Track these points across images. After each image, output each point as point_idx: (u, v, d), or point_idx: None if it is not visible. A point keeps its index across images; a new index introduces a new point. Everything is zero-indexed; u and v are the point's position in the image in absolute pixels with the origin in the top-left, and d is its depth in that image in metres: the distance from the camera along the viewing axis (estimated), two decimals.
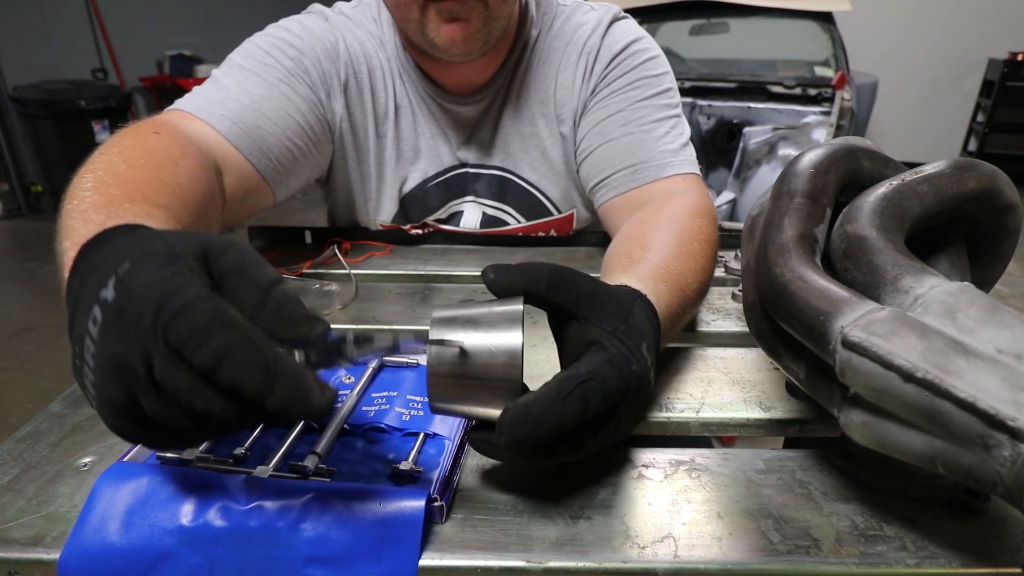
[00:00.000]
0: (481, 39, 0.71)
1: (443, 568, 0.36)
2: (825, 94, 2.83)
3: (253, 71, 0.73)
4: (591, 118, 0.80)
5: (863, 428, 0.36)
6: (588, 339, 0.40)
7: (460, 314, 0.39)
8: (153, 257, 0.31)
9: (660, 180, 0.75)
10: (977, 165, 0.43)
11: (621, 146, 0.77)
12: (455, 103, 0.82)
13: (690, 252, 0.57)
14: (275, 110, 0.72)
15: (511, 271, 0.40)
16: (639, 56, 0.80)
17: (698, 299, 0.56)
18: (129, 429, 0.32)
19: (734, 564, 0.36)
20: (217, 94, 0.70)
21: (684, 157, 0.77)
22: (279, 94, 0.73)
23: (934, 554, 0.36)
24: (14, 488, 0.40)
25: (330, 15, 0.81)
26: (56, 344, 2.49)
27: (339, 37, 0.79)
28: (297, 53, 0.75)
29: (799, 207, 0.43)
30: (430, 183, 0.86)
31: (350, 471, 0.42)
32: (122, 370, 0.30)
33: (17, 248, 3.58)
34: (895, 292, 0.37)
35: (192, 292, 0.30)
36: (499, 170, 0.87)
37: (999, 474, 0.30)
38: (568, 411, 0.35)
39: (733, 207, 2.74)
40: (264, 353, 0.29)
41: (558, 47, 0.82)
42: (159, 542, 0.34)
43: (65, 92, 3.71)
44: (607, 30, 0.81)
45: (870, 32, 4.79)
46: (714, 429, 0.50)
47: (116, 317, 0.30)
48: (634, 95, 0.79)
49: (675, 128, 0.79)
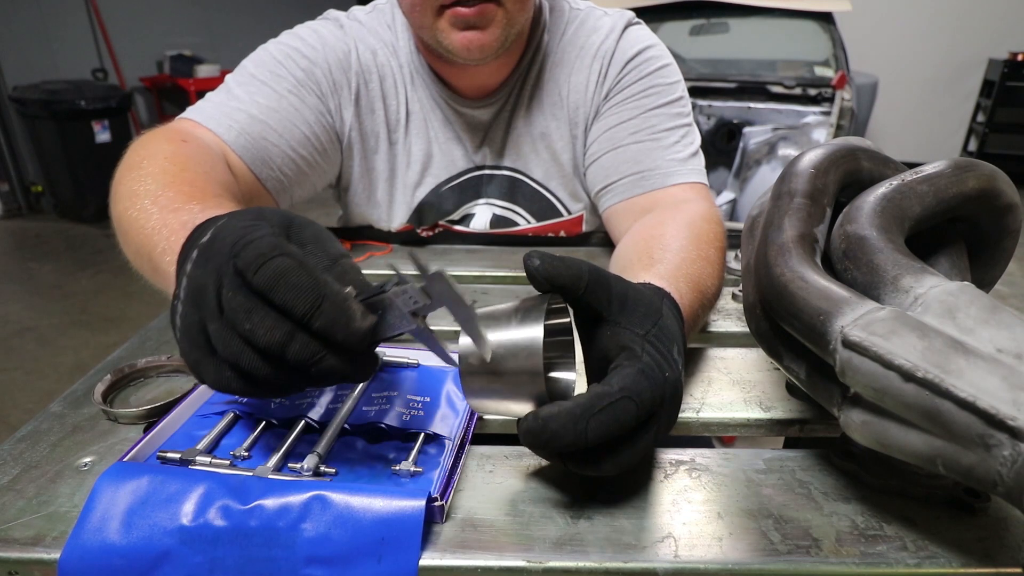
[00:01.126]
0: (497, 44, 0.71)
1: (443, 568, 0.36)
2: (825, 94, 2.82)
3: (264, 81, 0.74)
4: (602, 123, 0.81)
5: (863, 428, 0.36)
6: (620, 344, 0.39)
7: (492, 311, 0.40)
8: (244, 214, 0.38)
9: (667, 188, 0.75)
10: (977, 165, 0.43)
11: (630, 153, 0.78)
12: (469, 106, 0.82)
13: (707, 257, 0.57)
14: (282, 121, 0.73)
15: (556, 263, 0.39)
16: (652, 63, 0.81)
17: (713, 301, 0.57)
18: (198, 357, 0.36)
19: (734, 564, 0.36)
20: (227, 103, 0.72)
21: (692, 167, 0.77)
22: (287, 105, 0.74)
23: (934, 554, 0.36)
24: (14, 488, 0.40)
25: (345, 22, 0.81)
26: (56, 344, 2.49)
27: (352, 46, 0.79)
28: (309, 64, 0.76)
29: (799, 207, 0.43)
30: (444, 187, 0.86)
31: (350, 471, 0.42)
32: (199, 294, 0.35)
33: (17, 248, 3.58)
34: (895, 292, 0.37)
35: (264, 231, 0.35)
36: (510, 171, 0.87)
37: (999, 473, 0.30)
38: (592, 430, 0.35)
39: (733, 207, 2.73)
40: (316, 278, 0.33)
41: (571, 51, 0.82)
42: (159, 542, 0.34)
43: (65, 92, 3.70)
44: (621, 34, 0.81)
45: (870, 32, 4.79)
46: (714, 429, 0.50)
47: (204, 252, 0.36)
48: (646, 103, 0.79)
49: (685, 137, 0.79)
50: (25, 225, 3.92)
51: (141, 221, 0.49)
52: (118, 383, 0.53)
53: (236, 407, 0.47)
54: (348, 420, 0.46)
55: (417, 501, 0.36)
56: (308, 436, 0.45)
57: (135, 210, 0.50)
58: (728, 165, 2.90)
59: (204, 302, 0.35)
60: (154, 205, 0.50)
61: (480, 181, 0.87)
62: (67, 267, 3.22)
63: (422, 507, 0.36)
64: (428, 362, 0.55)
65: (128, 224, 0.51)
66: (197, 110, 0.72)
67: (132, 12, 4.48)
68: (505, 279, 0.81)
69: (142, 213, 0.49)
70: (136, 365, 0.54)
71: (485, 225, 0.90)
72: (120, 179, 0.56)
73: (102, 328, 2.61)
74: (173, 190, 0.51)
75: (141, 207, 0.50)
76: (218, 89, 0.75)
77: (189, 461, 0.41)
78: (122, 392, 0.52)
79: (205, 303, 0.35)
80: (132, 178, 0.54)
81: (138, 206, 0.50)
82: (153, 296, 0.55)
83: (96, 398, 0.49)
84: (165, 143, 0.61)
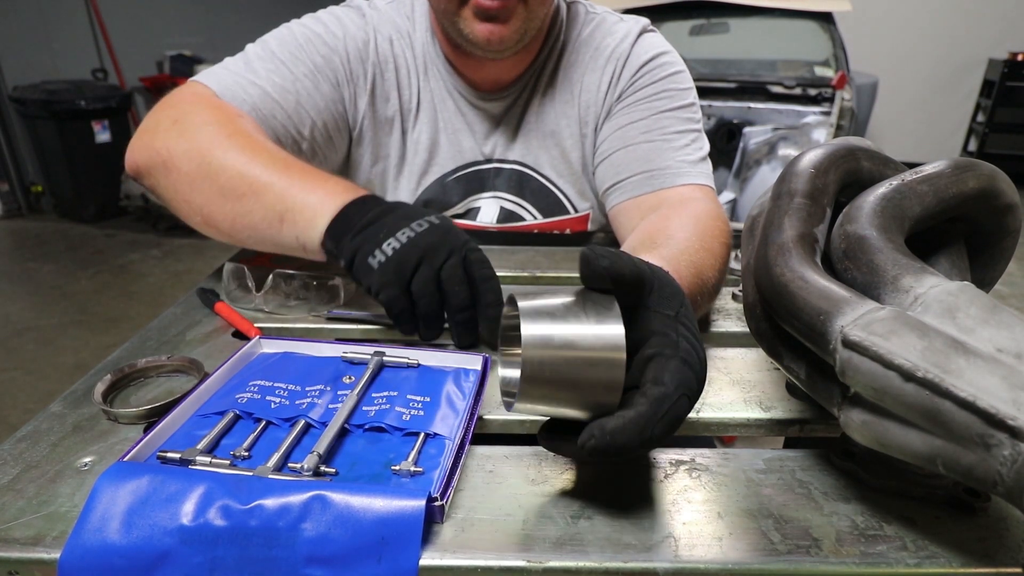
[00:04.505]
0: (517, 37, 0.73)
1: (443, 568, 0.36)
2: (825, 94, 2.82)
3: (283, 61, 0.76)
4: (613, 123, 0.82)
5: (863, 428, 0.36)
6: (652, 328, 0.38)
7: (547, 306, 0.38)
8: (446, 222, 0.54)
9: (675, 187, 0.76)
10: (977, 165, 0.43)
11: (640, 152, 0.79)
12: (482, 99, 0.84)
13: (711, 249, 0.58)
14: (292, 104, 0.75)
15: (622, 261, 0.38)
16: (666, 68, 0.82)
17: (714, 294, 0.58)
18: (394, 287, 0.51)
19: (734, 564, 0.36)
20: (244, 75, 0.74)
21: (701, 170, 0.78)
22: (301, 88, 0.76)
23: (934, 554, 0.36)
24: (14, 488, 0.40)
25: (366, 10, 0.83)
26: (56, 344, 2.49)
27: (371, 36, 0.81)
28: (328, 51, 0.78)
29: (799, 207, 0.43)
30: (449, 177, 0.87)
31: (350, 471, 0.42)
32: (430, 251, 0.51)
33: (17, 248, 3.58)
34: (895, 292, 0.37)
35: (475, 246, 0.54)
36: (519, 165, 0.88)
37: (999, 473, 0.30)
38: (658, 433, 0.35)
39: (733, 207, 2.74)
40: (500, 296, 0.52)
41: (586, 51, 0.84)
42: (159, 542, 0.34)
43: (65, 92, 3.70)
44: (636, 39, 0.83)
45: (870, 32, 4.79)
46: (714, 429, 0.50)
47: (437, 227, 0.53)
48: (658, 105, 0.80)
49: (695, 142, 0.80)
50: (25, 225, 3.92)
51: (271, 191, 0.59)
52: (118, 383, 0.53)
53: (236, 407, 0.47)
54: (348, 420, 0.46)
55: (417, 501, 0.36)
56: (308, 436, 0.45)
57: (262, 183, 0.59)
58: (728, 165, 2.90)
59: (433, 257, 0.51)
60: (276, 160, 0.61)
61: (488, 174, 0.88)
62: (67, 267, 3.23)
63: (422, 507, 0.36)
64: (428, 362, 0.55)
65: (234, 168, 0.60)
66: (214, 76, 0.74)
67: (132, 12, 4.48)
68: (505, 279, 0.81)
69: (267, 187, 0.59)
70: (136, 365, 0.54)
71: (492, 219, 0.90)
72: (191, 130, 0.64)
73: (102, 328, 2.61)
74: (293, 171, 0.60)
75: (271, 180, 0.59)
76: (237, 57, 0.77)
77: (189, 461, 0.41)
78: (122, 392, 0.52)
79: (434, 258, 0.51)
80: (225, 155, 0.61)
81: (269, 179, 0.59)
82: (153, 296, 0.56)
83: (96, 398, 0.49)
84: (227, 122, 0.66)
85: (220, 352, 0.58)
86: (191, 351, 0.58)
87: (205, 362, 0.55)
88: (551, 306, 0.38)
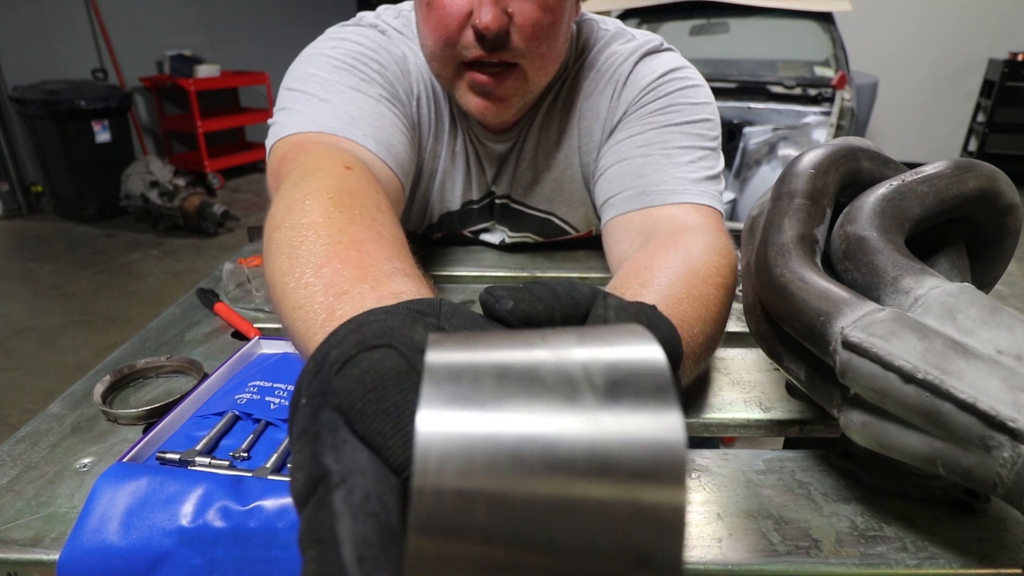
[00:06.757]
0: (514, 111, 0.69)
1: None
2: (825, 94, 2.82)
3: (354, 87, 0.67)
4: (613, 139, 0.76)
5: (863, 429, 0.36)
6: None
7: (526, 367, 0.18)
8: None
9: (668, 205, 0.66)
10: (977, 165, 0.43)
11: (635, 166, 0.71)
12: (488, 139, 0.80)
13: (702, 297, 0.48)
14: (389, 127, 0.67)
15: (535, 292, 0.27)
16: (676, 83, 0.75)
17: (704, 354, 0.48)
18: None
19: (734, 565, 0.36)
20: (340, 110, 0.64)
21: (704, 189, 0.68)
22: (385, 110, 0.68)
23: (934, 555, 0.36)
24: (13, 489, 0.40)
25: (387, 29, 0.76)
26: (56, 344, 2.49)
27: (404, 51, 0.75)
28: (380, 68, 0.71)
29: (799, 207, 0.43)
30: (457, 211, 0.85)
31: None
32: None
33: (17, 248, 3.58)
34: (895, 293, 0.37)
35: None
36: (520, 204, 0.85)
37: (999, 475, 0.30)
38: None
39: (733, 207, 2.74)
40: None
41: (588, 75, 0.78)
42: (159, 543, 0.34)
43: (65, 92, 3.70)
44: (640, 59, 0.77)
45: (870, 32, 4.79)
46: (714, 429, 0.50)
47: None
48: (662, 119, 0.73)
49: (703, 160, 0.71)
50: (25, 225, 3.92)
51: (301, 298, 0.39)
52: (118, 384, 0.53)
53: (235, 408, 0.47)
54: None
55: None
56: None
57: (293, 280, 0.40)
58: (728, 165, 2.90)
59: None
60: (317, 279, 0.39)
61: (492, 208, 0.86)
62: (67, 267, 3.22)
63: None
64: None
65: (283, 292, 0.41)
66: (308, 122, 0.63)
67: (132, 12, 4.48)
68: (505, 279, 0.81)
69: (302, 288, 0.39)
70: (136, 366, 0.54)
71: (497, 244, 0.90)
72: (278, 220, 0.45)
73: (102, 328, 2.61)
74: (339, 260, 0.40)
75: (301, 277, 0.40)
76: (301, 102, 0.66)
77: (188, 462, 0.41)
78: (121, 393, 0.52)
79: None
80: (292, 226, 0.44)
81: (297, 274, 0.40)
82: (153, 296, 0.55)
83: (96, 399, 0.49)
84: (327, 176, 0.51)
85: (219, 353, 0.58)
86: (190, 352, 0.58)
87: (204, 363, 0.55)
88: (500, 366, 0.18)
